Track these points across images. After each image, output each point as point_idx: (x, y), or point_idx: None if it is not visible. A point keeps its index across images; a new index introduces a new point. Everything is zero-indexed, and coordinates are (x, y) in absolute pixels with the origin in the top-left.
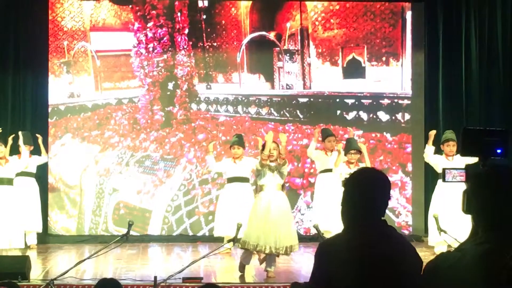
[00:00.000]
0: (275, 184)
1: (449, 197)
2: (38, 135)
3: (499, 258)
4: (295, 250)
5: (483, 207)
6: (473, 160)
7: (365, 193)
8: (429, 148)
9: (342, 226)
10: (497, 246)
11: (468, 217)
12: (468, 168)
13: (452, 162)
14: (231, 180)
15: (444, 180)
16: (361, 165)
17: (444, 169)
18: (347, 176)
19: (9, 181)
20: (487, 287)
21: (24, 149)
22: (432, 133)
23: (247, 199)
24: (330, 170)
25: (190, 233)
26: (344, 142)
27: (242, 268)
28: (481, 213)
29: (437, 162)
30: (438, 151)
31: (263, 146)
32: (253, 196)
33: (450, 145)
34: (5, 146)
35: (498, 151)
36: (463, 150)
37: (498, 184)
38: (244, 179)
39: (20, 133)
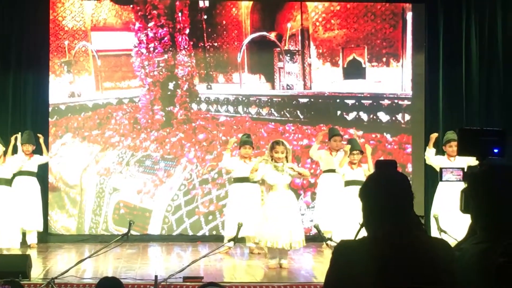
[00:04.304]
0: (284, 183)
1: (450, 197)
2: (39, 135)
3: (496, 257)
4: (304, 244)
5: (480, 206)
6: (475, 161)
7: (385, 194)
8: (430, 151)
9: (344, 226)
10: (494, 245)
11: (468, 217)
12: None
13: (454, 162)
14: (239, 180)
15: (441, 180)
16: (364, 166)
17: (441, 169)
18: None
19: (6, 182)
20: (485, 285)
21: (20, 149)
22: (434, 135)
23: (256, 199)
24: (334, 171)
25: (190, 233)
26: (345, 143)
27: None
28: (478, 212)
29: (440, 163)
30: (438, 152)
31: (272, 145)
32: (260, 196)
33: (453, 146)
34: (3, 146)
35: (495, 150)
36: (460, 150)
37: (495, 184)
38: None
39: (19, 134)
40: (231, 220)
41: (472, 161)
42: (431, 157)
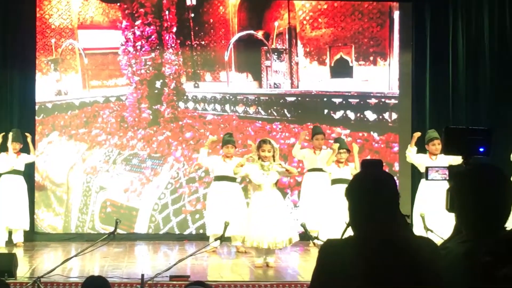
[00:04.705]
0: (270, 183)
1: (433, 196)
2: (27, 134)
3: (481, 256)
4: (295, 240)
5: (465, 206)
6: (457, 160)
7: (371, 194)
8: (412, 149)
9: (330, 225)
10: (479, 244)
11: (452, 216)
12: (451, 167)
13: (435, 161)
14: (219, 178)
15: (427, 179)
16: (351, 164)
17: (427, 168)
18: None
19: None
20: (470, 284)
21: (12, 149)
22: (416, 134)
23: (237, 197)
24: (318, 170)
25: (177, 232)
26: (332, 142)
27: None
28: (463, 212)
29: (421, 161)
30: (420, 151)
31: (259, 144)
32: (241, 195)
33: (436, 144)
34: None
35: (481, 149)
36: (446, 149)
37: (480, 183)
38: (233, 179)
39: (10, 133)
40: (211, 219)
41: (454, 160)
42: (412, 155)
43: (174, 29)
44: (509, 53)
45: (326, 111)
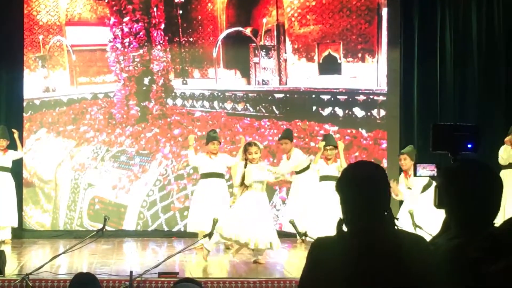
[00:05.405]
0: (260, 184)
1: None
2: (14, 130)
3: (470, 252)
4: (279, 247)
5: (453, 202)
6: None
7: (359, 193)
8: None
9: (319, 221)
10: (468, 240)
11: (437, 213)
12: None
13: (408, 181)
14: (206, 175)
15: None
16: (339, 161)
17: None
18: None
19: None
20: (458, 281)
21: None
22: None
23: (223, 195)
24: (299, 172)
25: (166, 228)
26: (320, 138)
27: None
28: (452, 208)
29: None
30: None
31: (245, 147)
32: (227, 192)
33: (402, 159)
34: None
35: (469, 146)
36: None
37: (468, 179)
38: (220, 175)
39: None
40: (194, 215)
41: (422, 180)
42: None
43: (162, 26)
44: (497, 50)
45: (314, 108)
